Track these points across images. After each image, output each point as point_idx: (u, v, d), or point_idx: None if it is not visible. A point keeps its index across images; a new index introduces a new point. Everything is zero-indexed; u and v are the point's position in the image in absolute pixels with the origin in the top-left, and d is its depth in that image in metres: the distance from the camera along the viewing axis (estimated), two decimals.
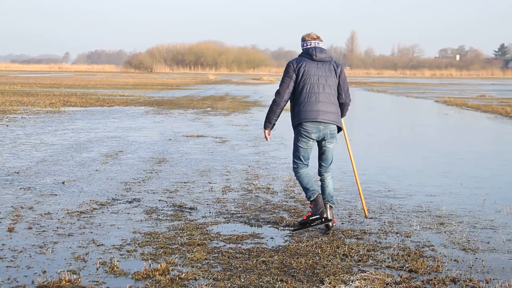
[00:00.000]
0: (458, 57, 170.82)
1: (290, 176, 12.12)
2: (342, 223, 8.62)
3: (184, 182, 11.33)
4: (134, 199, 9.88)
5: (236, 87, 60.48)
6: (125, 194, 10.21)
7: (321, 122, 8.10)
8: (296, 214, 9.06)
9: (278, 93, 8.24)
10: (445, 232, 8.27)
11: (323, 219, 8.01)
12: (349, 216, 9.04)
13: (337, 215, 9.10)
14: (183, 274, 6.30)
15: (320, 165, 8.53)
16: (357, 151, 16.40)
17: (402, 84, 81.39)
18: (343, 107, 8.47)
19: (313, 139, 8.23)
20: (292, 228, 8.23)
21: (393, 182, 11.80)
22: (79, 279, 6.13)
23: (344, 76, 8.34)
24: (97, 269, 6.49)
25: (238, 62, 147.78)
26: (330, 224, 8.15)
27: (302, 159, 8.31)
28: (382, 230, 8.27)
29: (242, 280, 6.21)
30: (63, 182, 11.07)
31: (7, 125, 20.56)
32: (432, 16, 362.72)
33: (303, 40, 8.31)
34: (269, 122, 8.41)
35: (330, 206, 8.21)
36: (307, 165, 8.37)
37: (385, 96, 49.69)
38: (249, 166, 13.32)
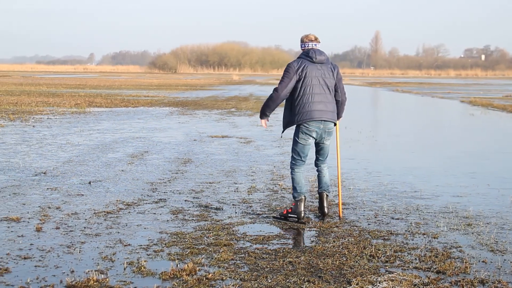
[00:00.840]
0: (483, 57, 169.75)
1: (315, 176, 12.08)
2: (369, 224, 8.59)
3: (210, 183, 11.35)
4: (160, 199, 9.91)
5: (260, 88, 60.49)
6: (151, 195, 10.25)
7: (322, 121, 8.60)
8: (321, 215, 9.02)
9: (276, 90, 8.64)
10: (472, 233, 8.21)
11: (299, 219, 8.59)
12: (375, 217, 9.01)
13: (363, 215, 9.08)
14: (210, 274, 6.31)
15: (317, 159, 9.03)
16: (382, 152, 16.36)
17: (427, 84, 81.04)
18: (339, 104, 8.95)
19: (313, 137, 8.69)
20: (273, 215, 8.90)
21: (419, 182, 11.74)
22: (107, 279, 6.16)
23: (340, 76, 8.88)
24: (124, 269, 6.52)
25: (262, 62, 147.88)
26: (326, 211, 8.88)
27: (301, 155, 8.75)
28: (409, 231, 8.23)
29: (269, 281, 6.20)
30: (89, 182, 11.13)
31: (33, 126, 20.71)
32: (457, 16, 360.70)
33: (302, 41, 8.74)
34: (265, 114, 8.88)
35: (326, 195, 8.89)
36: (305, 161, 8.83)
37: (410, 97, 49.47)
38: (274, 166, 13.31)
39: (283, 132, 9.08)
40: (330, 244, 7.52)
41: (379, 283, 6.17)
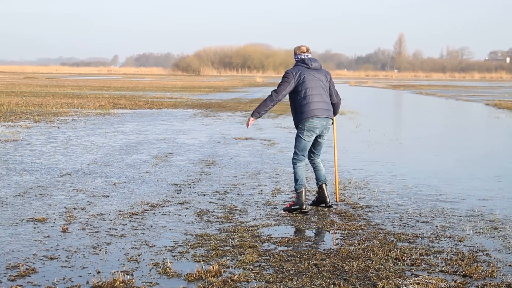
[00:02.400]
0: (508, 59, 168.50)
1: (340, 179, 12.07)
2: (394, 227, 8.55)
3: (234, 185, 11.36)
4: (185, 201, 9.93)
5: None
6: (176, 196, 10.27)
7: (325, 117, 9.38)
8: (346, 218, 9.01)
9: (276, 92, 9.51)
10: (499, 237, 8.15)
11: (301, 210, 9.31)
12: (400, 220, 8.97)
13: (388, 218, 9.04)
14: (235, 276, 6.31)
15: (313, 154, 9.72)
16: (407, 155, 16.30)
17: (451, 87, 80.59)
18: (336, 106, 9.79)
19: (315, 133, 9.40)
20: (283, 210, 9.41)
21: (444, 185, 11.68)
22: (133, 280, 6.18)
23: (333, 82, 9.77)
24: (150, 270, 6.54)
25: (285, 64, 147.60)
26: (328, 199, 9.65)
27: (304, 152, 9.44)
28: (434, 234, 8.19)
29: (294, 283, 6.19)
30: (114, 184, 11.18)
31: (58, 127, 20.85)
32: (482, 18, 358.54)
33: (295, 53, 9.69)
34: (259, 113, 9.63)
35: (325, 184, 9.67)
36: (306, 157, 9.55)
37: (434, 99, 49.23)
38: None
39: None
40: (355, 247, 7.50)
41: (405, 286, 6.14)
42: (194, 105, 34.58)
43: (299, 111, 9.39)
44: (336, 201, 10.08)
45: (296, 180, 9.44)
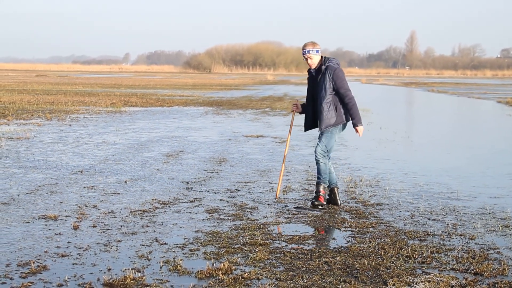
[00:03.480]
0: None
1: (351, 177, 12.06)
2: (405, 225, 8.54)
3: (245, 182, 11.36)
4: (196, 198, 9.94)
5: (295, 88, 60.45)
6: (187, 194, 10.28)
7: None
8: (357, 216, 9.00)
9: (350, 91, 9.54)
10: (510, 235, 8.12)
11: (323, 204, 9.54)
12: (411, 218, 8.95)
13: (399, 216, 9.03)
14: (246, 274, 6.31)
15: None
16: (418, 152, 16.26)
17: (463, 84, 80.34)
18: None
19: None
20: (310, 206, 9.49)
21: (455, 183, 11.64)
22: (144, 277, 6.19)
23: None
24: (160, 267, 6.55)
25: (296, 62, 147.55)
26: (340, 202, 9.69)
27: (331, 151, 9.62)
28: (445, 232, 8.17)
29: (305, 281, 6.19)
30: (125, 181, 11.20)
31: (70, 125, 20.91)
32: (493, 15, 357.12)
33: (318, 48, 9.60)
34: (360, 116, 9.62)
35: (337, 188, 9.70)
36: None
37: (445, 97, 49.09)
38: (309, 166, 13.28)
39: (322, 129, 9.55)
40: (366, 245, 7.49)
41: (416, 284, 6.13)
42: (205, 103, 34.60)
43: (340, 113, 9.45)
44: (276, 197, 10.01)
45: (325, 176, 9.53)
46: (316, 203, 9.45)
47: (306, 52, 9.54)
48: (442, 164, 14.08)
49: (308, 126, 9.86)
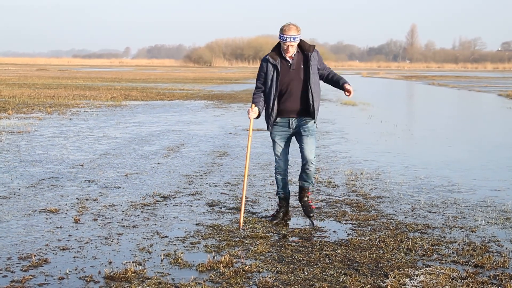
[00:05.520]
0: None
1: (352, 170, 12.07)
2: (405, 217, 8.54)
3: None
4: (196, 192, 9.95)
5: None
6: (187, 187, 10.29)
7: None
8: (358, 208, 9.00)
9: None
10: (511, 227, 8.12)
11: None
12: (412, 210, 8.95)
13: (400, 209, 9.03)
14: (247, 267, 6.32)
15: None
16: (419, 145, 16.26)
17: (464, 77, 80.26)
18: None
19: None
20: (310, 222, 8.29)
21: (456, 176, 11.64)
22: (145, 270, 6.20)
23: None
24: (161, 260, 6.55)
25: None
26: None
27: None
28: (446, 225, 8.17)
29: (306, 273, 6.20)
30: (126, 175, 11.21)
31: (70, 119, 20.90)
32: (494, 8, 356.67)
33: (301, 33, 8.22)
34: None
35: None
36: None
37: (446, 90, 49.06)
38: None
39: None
40: (366, 237, 7.49)
41: (417, 276, 6.13)
42: (205, 96, 34.59)
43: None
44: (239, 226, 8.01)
45: (312, 180, 8.41)
46: (312, 214, 8.33)
47: (291, 39, 7.98)
48: (442, 157, 14.08)
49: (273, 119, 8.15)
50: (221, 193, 9.87)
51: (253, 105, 8.07)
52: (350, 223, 8.20)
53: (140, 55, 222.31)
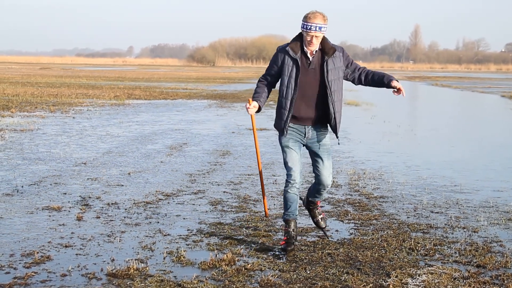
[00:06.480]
0: None
1: (354, 169, 12.07)
2: (408, 217, 8.54)
3: (248, 175, 11.37)
4: (199, 190, 9.95)
5: None
6: (190, 186, 10.29)
7: None
8: (360, 208, 9.00)
9: None
10: None
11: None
12: (414, 210, 8.95)
13: (402, 209, 9.03)
14: (249, 265, 6.32)
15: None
16: (421, 146, 16.26)
17: (467, 78, 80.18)
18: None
19: None
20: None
21: (459, 176, 11.64)
22: (147, 268, 6.20)
23: None
24: (164, 258, 6.56)
25: None
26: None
27: None
28: (448, 225, 8.17)
29: (308, 272, 6.20)
30: (129, 173, 11.21)
31: (73, 117, 20.92)
32: (498, 10, 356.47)
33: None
34: None
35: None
36: None
37: (449, 91, 49.02)
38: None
39: None
40: (369, 237, 7.49)
41: (419, 276, 6.13)
42: (208, 96, 34.60)
43: None
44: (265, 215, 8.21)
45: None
46: (324, 226, 7.51)
47: (317, 28, 6.67)
48: (445, 157, 14.08)
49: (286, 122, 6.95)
50: (224, 192, 9.88)
51: (250, 99, 6.90)
52: (352, 223, 8.20)
53: (144, 54, 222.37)
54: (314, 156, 7.18)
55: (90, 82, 46.74)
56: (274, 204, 9.12)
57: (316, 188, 7.28)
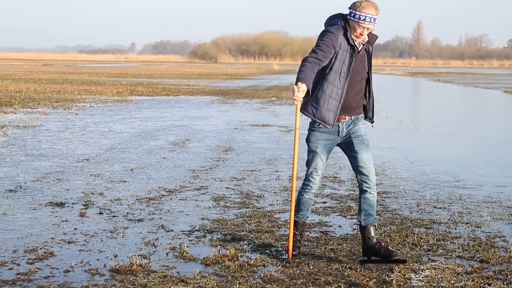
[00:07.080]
0: None
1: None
2: (411, 213, 8.53)
3: (251, 171, 11.37)
4: (202, 186, 9.95)
5: None
6: (193, 182, 10.29)
7: None
8: None
9: None
10: None
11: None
12: (417, 206, 8.94)
13: (405, 204, 9.02)
14: (252, 261, 6.32)
15: None
16: (424, 141, 16.25)
17: (470, 74, 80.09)
18: None
19: None
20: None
21: (462, 172, 11.63)
22: (150, 264, 6.20)
23: None
24: (167, 254, 6.56)
25: (303, 52, 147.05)
26: None
27: None
28: (451, 220, 8.16)
29: (311, 267, 6.20)
30: (131, 169, 11.21)
31: (76, 114, 20.93)
32: (501, 5, 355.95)
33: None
34: None
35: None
36: None
37: (452, 87, 48.97)
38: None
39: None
40: None
41: (422, 271, 6.13)
42: (211, 92, 34.59)
43: None
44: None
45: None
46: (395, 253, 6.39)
47: (371, 19, 6.21)
48: (448, 153, 14.07)
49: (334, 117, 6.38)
50: (227, 188, 9.88)
51: (299, 82, 6.00)
52: (355, 218, 8.19)
53: (146, 50, 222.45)
54: (350, 149, 6.54)
55: (93, 79, 46.75)
56: (277, 200, 9.12)
57: (361, 192, 6.47)
